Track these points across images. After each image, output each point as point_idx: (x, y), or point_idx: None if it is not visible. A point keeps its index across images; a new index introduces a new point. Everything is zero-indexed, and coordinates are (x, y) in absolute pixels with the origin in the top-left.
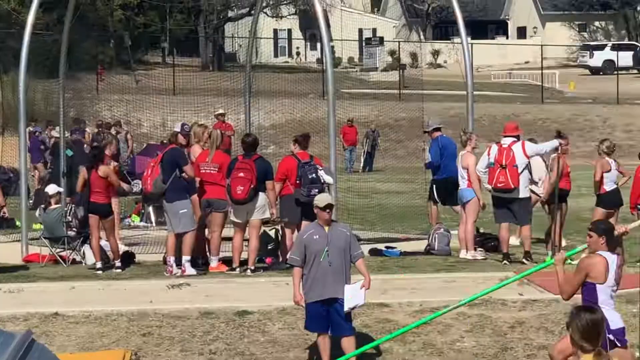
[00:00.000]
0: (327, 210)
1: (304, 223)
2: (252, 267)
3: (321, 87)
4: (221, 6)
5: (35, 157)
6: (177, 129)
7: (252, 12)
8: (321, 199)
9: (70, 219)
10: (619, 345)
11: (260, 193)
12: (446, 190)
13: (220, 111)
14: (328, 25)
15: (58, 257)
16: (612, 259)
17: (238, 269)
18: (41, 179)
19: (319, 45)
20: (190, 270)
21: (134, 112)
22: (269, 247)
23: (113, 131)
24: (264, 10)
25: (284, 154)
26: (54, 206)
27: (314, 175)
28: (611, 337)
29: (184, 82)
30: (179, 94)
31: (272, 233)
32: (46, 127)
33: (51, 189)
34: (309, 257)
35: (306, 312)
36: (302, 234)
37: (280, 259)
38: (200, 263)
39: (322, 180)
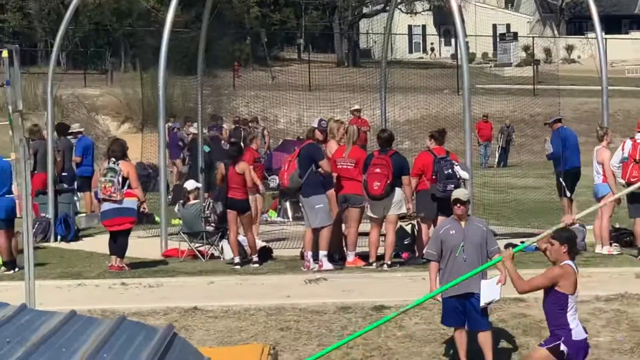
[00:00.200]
0: (463, 206)
1: (440, 218)
2: (389, 262)
3: (456, 82)
4: (356, 2)
5: (174, 153)
6: (315, 125)
7: (387, 8)
8: (457, 194)
9: (208, 214)
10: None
11: (396, 188)
12: (569, 181)
13: (356, 107)
14: (463, 21)
15: (197, 252)
16: (576, 268)
17: (374, 264)
18: (180, 174)
19: (453, 40)
20: (327, 265)
21: (271, 108)
22: (405, 242)
23: (250, 127)
24: (399, 7)
25: (419, 149)
26: (192, 202)
27: (450, 170)
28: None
29: (320, 78)
30: (315, 90)
31: (408, 228)
32: (184, 124)
33: (190, 184)
34: (445, 252)
35: (443, 307)
36: (439, 229)
37: (417, 254)
38: (337, 258)
39: (458, 176)
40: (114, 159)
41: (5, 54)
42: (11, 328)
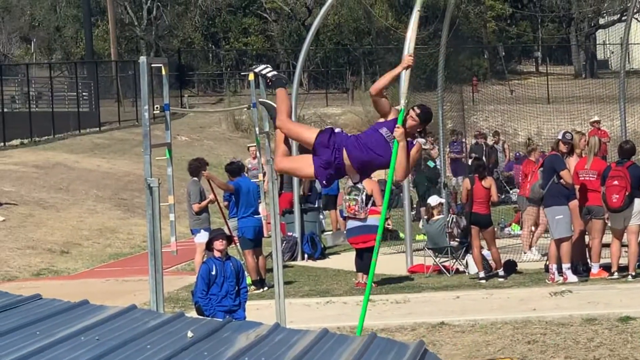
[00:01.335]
0: None
1: None
2: (633, 273)
3: None
4: (592, 13)
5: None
6: (559, 137)
7: (624, 18)
8: None
9: (452, 229)
10: None
11: (635, 199)
12: None
13: (595, 118)
14: None
15: (442, 267)
16: None
17: (616, 274)
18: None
19: None
20: (571, 277)
21: (510, 121)
22: None
23: (490, 141)
24: (635, 16)
25: None
26: (436, 217)
27: None
28: None
29: (558, 90)
30: (553, 103)
31: None
32: (425, 140)
33: (433, 200)
34: None
35: None
36: None
37: None
38: (581, 270)
39: None
40: None
41: (251, 76)
42: (265, 347)
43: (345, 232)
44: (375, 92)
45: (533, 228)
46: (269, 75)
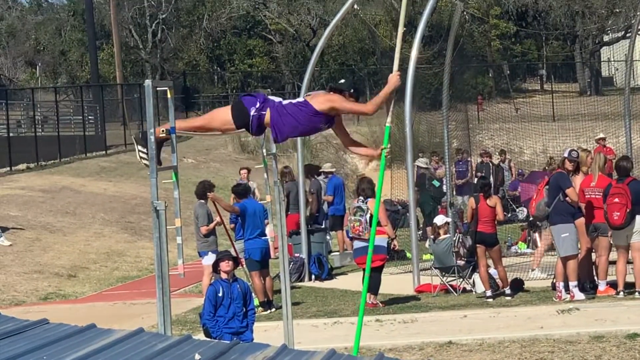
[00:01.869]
0: None
1: None
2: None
3: None
4: (596, 31)
5: None
6: (565, 155)
7: (628, 35)
8: None
9: (458, 249)
10: None
11: (637, 216)
12: None
13: (601, 135)
14: None
15: (449, 287)
16: None
17: (621, 293)
18: None
19: None
20: (578, 295)
21: (515, 140)
22: None
23: (496, 160)
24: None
25: None
26: (443, 236)
27: None
28: None
29: (562, 108)
30: (558, 120)
31: None
32: (431, 159)
33: (439, 219)
34: None
35: None
36: None
37: None
38: (588, 287)
39: None
40: (362, 198)
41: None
42: None
43: (352, 252)
44: (373, 112)
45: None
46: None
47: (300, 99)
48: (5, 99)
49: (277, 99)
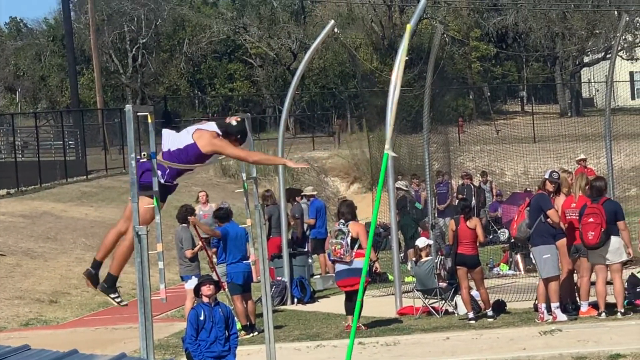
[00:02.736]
0: None
1: None
2: (622, 310)
3: None
4: (577, 52)
5: None
6: (546, 176)
7: (608, 56)
8: None
9: (440, 271)
10: None
11: (612, 237)
12: None
13: (582, 156)
14: None
15: (431, 309)
16: None
17: (603, 314)
18: None
19: None
20: (561, 316)
21: (496, 161)
22: (638, 290)
23: (476, 182)
24: (619, 54)
25: None
26: (425, 259)
27: None
28: None
29: (543, 129)
30: (539, 142)
31: None
32: (411, 182)
33: (421, 242)
34: None
35: None
36: None
37: None
38: (571, 308)
39: None
40: (343, 221)
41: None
42: None
43: (334, 275)
44: (253, 163)
45: None
46: None
47: (190, 134)
48: None
49: (165, 146)
